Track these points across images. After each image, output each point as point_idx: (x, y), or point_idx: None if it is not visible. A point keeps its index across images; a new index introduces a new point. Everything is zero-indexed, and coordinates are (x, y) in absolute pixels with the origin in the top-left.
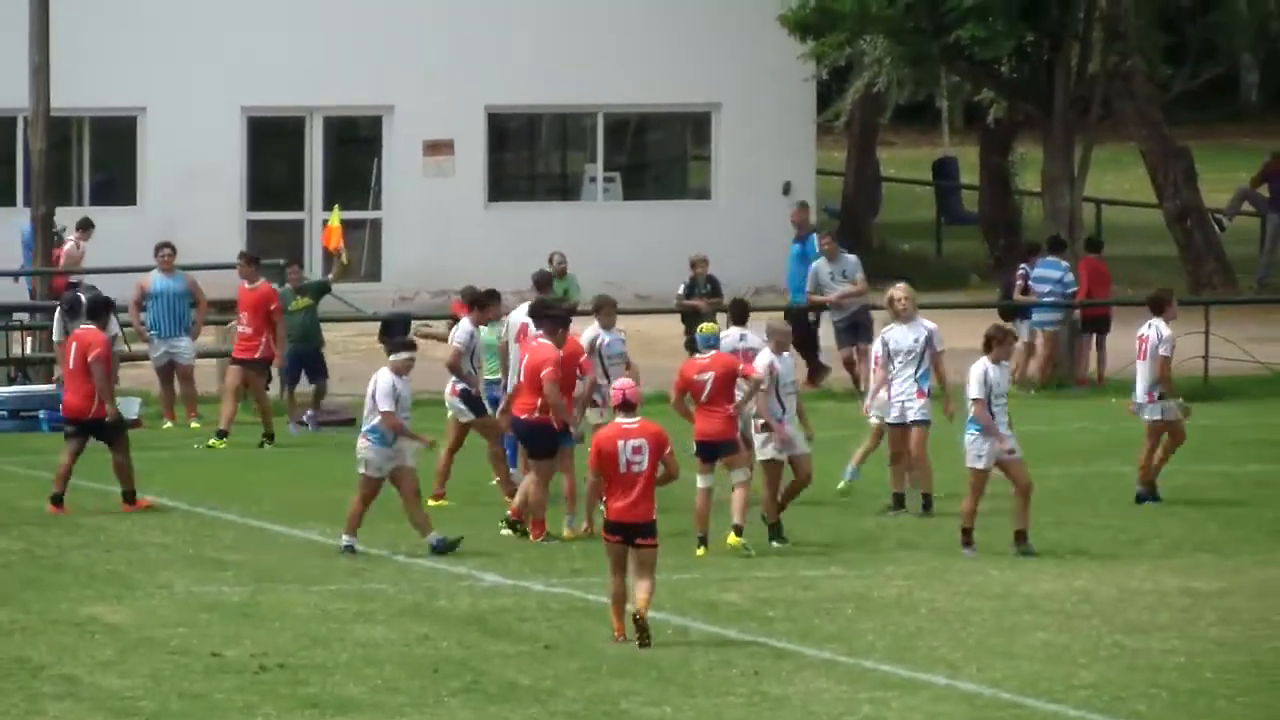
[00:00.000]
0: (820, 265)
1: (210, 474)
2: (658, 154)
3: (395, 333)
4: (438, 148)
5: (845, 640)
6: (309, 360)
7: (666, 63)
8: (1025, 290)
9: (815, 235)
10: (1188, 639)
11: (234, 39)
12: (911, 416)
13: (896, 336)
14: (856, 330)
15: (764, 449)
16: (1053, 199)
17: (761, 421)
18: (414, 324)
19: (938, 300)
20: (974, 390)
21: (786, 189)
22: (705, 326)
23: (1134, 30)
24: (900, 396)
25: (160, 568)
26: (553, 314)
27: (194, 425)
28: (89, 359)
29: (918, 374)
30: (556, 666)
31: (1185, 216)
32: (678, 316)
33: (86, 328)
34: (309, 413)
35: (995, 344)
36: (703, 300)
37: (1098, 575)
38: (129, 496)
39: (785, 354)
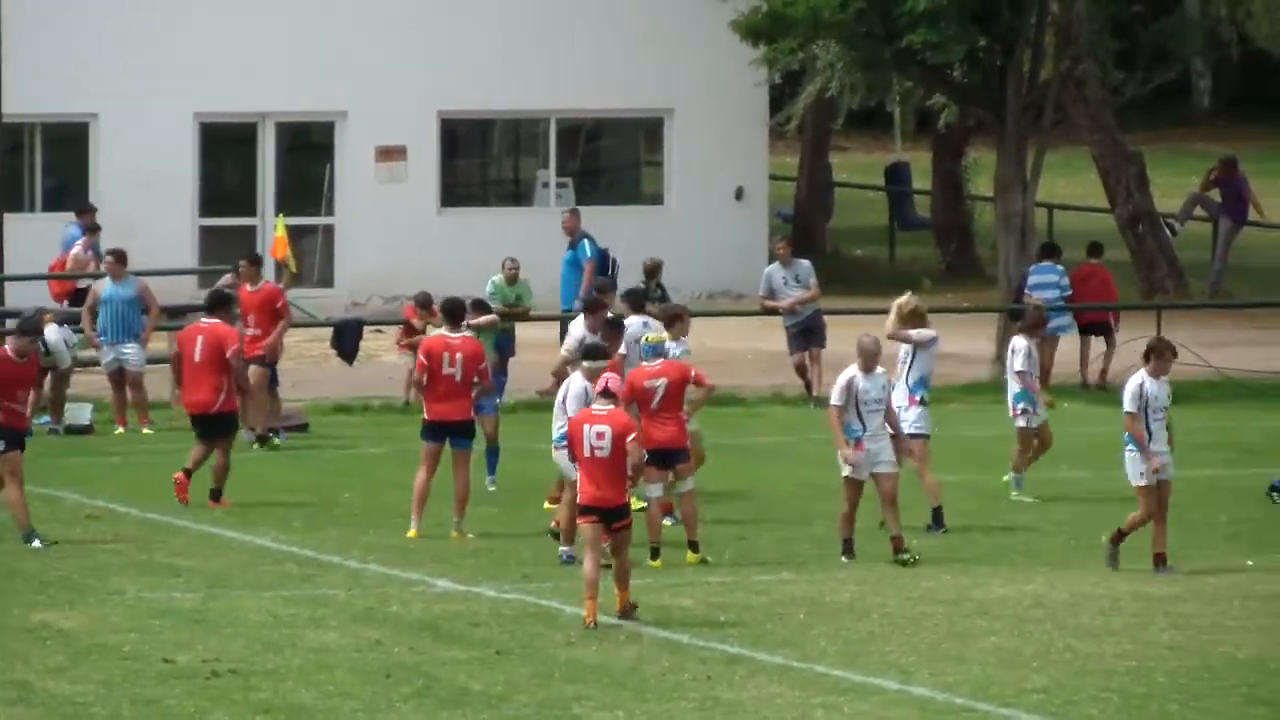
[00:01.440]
0: (774, 270)
1: (162, 479)
2: (610, 159)
3: (348, 342)
4: (390, 153)
5: (797, 645)
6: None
7: (619, 68)
8: (1022, 297)
9: (587, 240)
10: (1140, 644)
11: (186, 45)
12: (906, 429)
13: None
14: (809, 335)
15: (844, 467)
16: (1005, 204)
17: None
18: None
19: (889, 305)
20: (1128, 404)
21: (739, 194)
22: (651, 336)
23: (1086, 35)
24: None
25: (112, 574)
26: (612, 322)
27: (146, 431)
28: (227, 354)
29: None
30: (508, 672)
31: (1137, 221)
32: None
33: (212, 322)
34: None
35: (1154, 356)
36: (655, 306)
37: (1050, 580)
38: (216, 495)
39: (875, 371)
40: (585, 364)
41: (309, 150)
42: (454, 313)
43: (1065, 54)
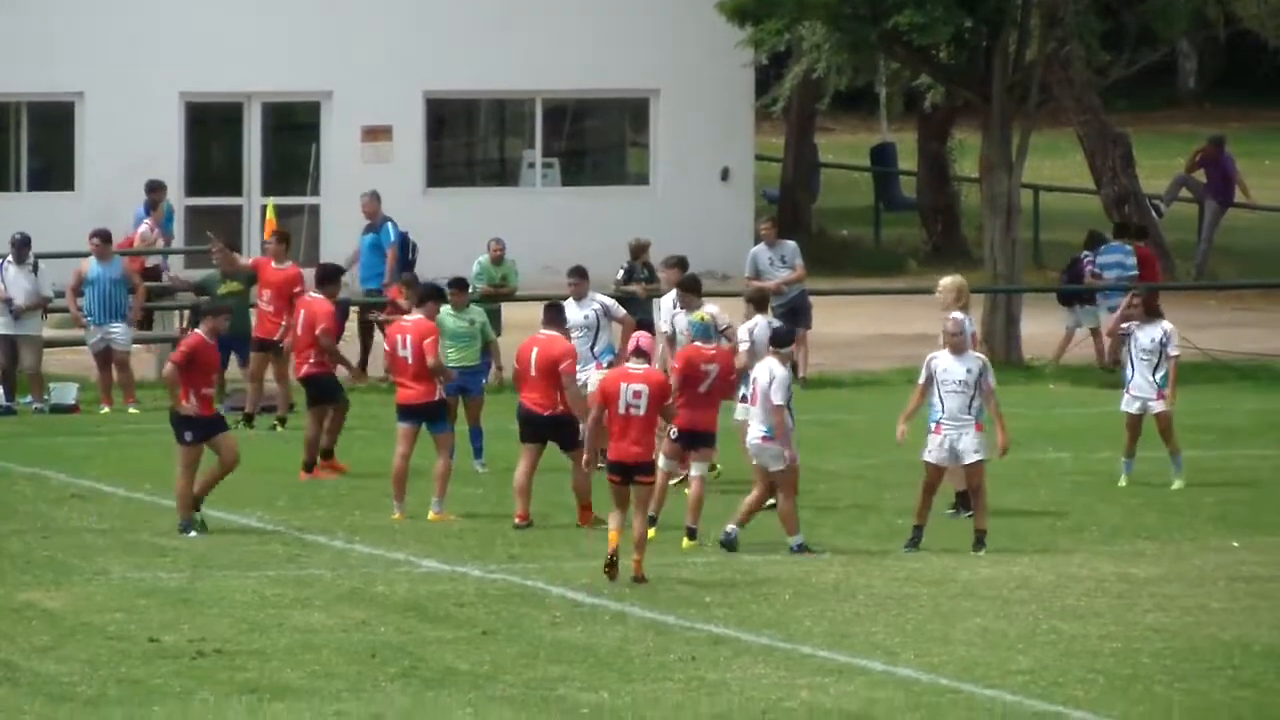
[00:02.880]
0: (759, 251)
1: (148, 459)
2: (596, 140)
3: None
4: (376, 134)
5: (783, 626)
6: (238, 347)
7: (605, 49)
8: (1095, 278)
9: (390, 224)
10: (1125, 625)
11: (172, 25)
12: None
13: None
14: (795, 316)
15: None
16: (990, 185)
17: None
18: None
19: (875, 286)
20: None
21: (725, 175)
22: (700, 314)
23: (1072, 16)
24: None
25: (97, 553)
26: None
27: (132, 410)
28: (316, 331)
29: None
30: (494, 652)
31: (1123, 202)
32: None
33: (315, 297)
34: (232, 399)
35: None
36: (640, 286)
37: (1036, 562)
38: (309, 466)
39: (965, 353)
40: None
41: (295, 130)
42: (426, 297)
43: (1051, 35)
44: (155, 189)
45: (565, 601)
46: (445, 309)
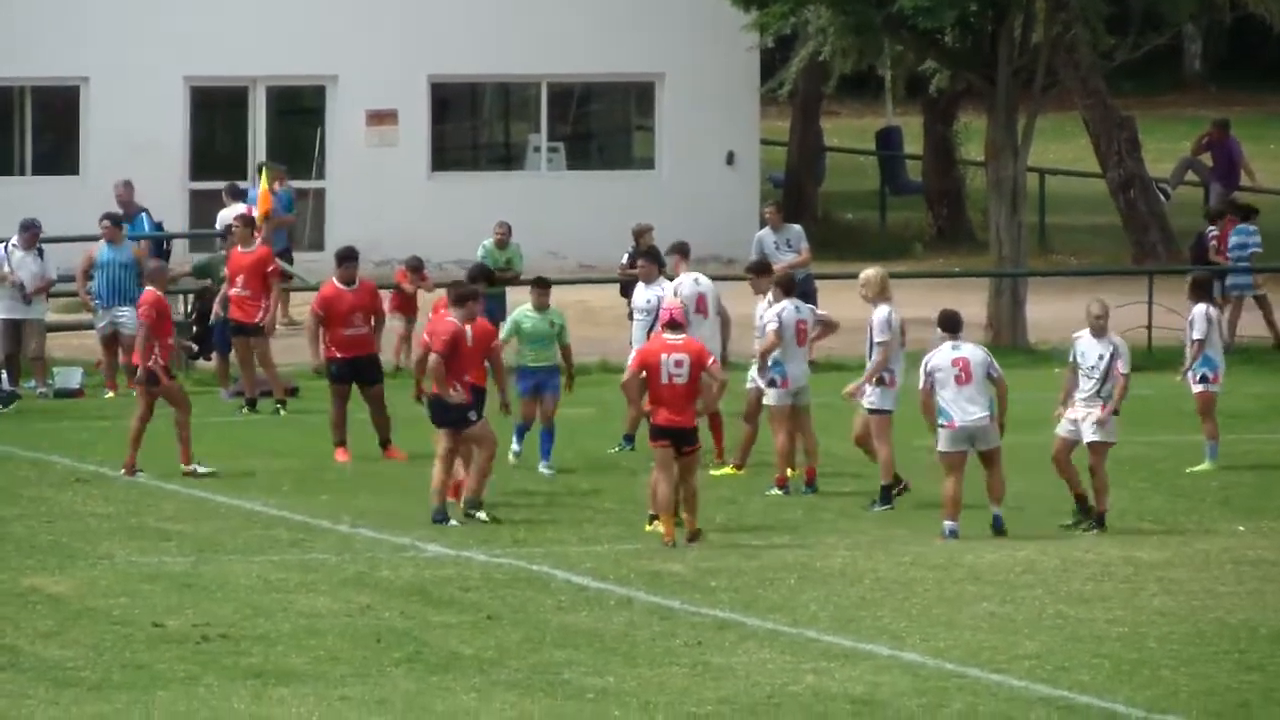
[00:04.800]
0: (765, 235)
1: (152, 444)
2: (601, 124)
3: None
4: (381, 118)
5: (788, 610)
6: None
7: (610, 32)
8: (1219, 254)
9: (144, 214)
10: (1131, 609)
11: (177, 9)
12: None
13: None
14: (801, 299)
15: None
16: (996, 169)
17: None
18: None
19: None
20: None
21: (730, 159)
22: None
23: (1077, 0)
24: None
25: (102, 538)
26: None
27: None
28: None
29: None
30: (499, 637)
31: (1129, 186)
32: (620, 286)
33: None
34: (236, 385)
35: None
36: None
37: (1041, 546)
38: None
39: (1104, 335)
40: None
41: (300, 114)
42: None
43: (1056, 18)
44: (279, 174)
45: (570, 586)
46: (524, 309)
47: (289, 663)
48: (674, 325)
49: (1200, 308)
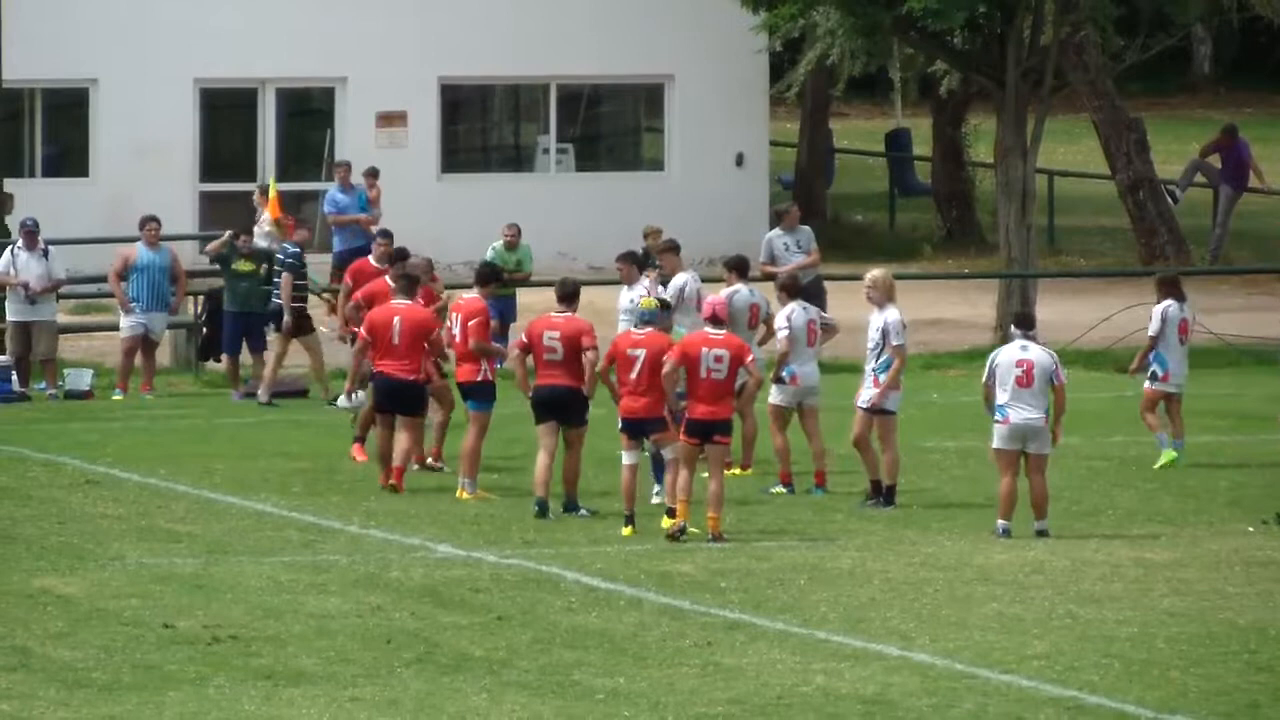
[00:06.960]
0: (775, 236)
1: (162, 445)
2: (611, 125)
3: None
4: (391, 119)
5: (798, 611)
6: (252, 329)
7: (619, 34)
8: None
9: None
10: (1141, 610)
11: (186, 11)
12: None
13: None
14: (810, 301)
15: None
16: (1005, 170)
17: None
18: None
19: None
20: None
21: (740, 160)
22: (645, 302)
23: (1086, 1)
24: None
25: (112, 539)
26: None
27: (147, 397)
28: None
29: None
30: (509, 637)
31: (1138, 188)
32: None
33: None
34: (248, 386)
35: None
36: (654, 272)
37: (1051, 546)
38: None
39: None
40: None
41: (309, 116)
42: (485, 278)
43: (1065, 20)
44: (369, 174)
45: (580, 587)
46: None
47: (300, 664)
48: (716, 320)
49: (1160, 305)
